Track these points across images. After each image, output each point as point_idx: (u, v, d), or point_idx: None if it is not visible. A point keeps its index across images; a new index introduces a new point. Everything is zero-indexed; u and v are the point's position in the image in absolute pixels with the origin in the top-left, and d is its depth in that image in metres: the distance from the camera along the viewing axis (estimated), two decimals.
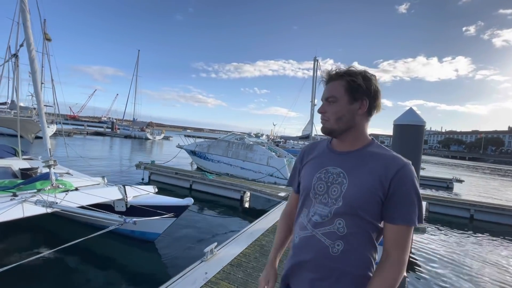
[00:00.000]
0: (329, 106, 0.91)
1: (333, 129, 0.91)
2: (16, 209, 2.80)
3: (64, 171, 4.58)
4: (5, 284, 2.92)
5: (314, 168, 0.96)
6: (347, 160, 0.91)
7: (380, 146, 0.92)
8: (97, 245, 3.99)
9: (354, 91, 0.88)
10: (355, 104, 0.89)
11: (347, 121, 0.90)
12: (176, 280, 2.54)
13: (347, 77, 0.89)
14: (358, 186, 0.84)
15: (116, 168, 11.93)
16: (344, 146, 0.94)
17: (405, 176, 0.82)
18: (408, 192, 0.81)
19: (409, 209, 0.81)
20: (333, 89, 0.91)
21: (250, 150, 11.79)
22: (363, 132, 0.93)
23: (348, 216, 0.85)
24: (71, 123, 48.17)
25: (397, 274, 0.81)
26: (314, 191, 0.92)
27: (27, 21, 3.22)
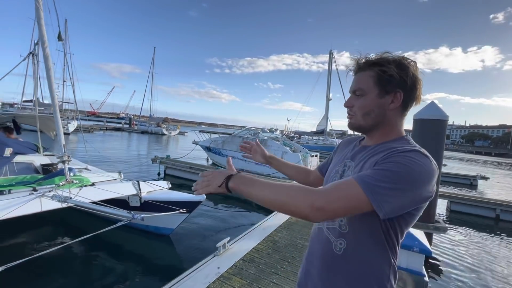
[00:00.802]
0: (356, 99, 0.81)
1: (360, 125, 0.82)
2: (35, 203, 2.93)
3: (82, 167, 4.76)
4: (31, 273, 3.08)
5: (338, 162, 0.94)
6: (364, 153, 0.83)
7: (405, 141, 0.77)
8: (116, 238, 4.16)
9: (386, 83, 0.76)
10: (386, 98, 0.77)
11: (376, 116, 0.79)
12: (189, 274, 2.57)
13: (377, 67, 0.77)
14: None
15: (134, 162, 12.28)
16: (371, 141, 0.85)
17: (398, 154, 0.67)
18: (389, 164, 0.65)
19: (374, 173, 0.65)
20: (361, 80, 0.80)
21: (264, 145, 11.75)
22: (395, 128, 0.81)
23: None
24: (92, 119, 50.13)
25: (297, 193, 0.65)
26: (330, 182, 0.88)
27: (41, 19, 3.34)
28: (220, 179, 0.75)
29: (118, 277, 3.35)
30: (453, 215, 7.78)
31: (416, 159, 0.65)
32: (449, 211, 8.05)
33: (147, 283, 3.31)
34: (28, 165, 4.14)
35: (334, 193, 0.65)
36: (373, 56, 0.80)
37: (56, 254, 3.33)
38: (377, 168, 0.67)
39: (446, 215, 7.80)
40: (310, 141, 26.55)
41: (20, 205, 2.77)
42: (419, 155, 0.67)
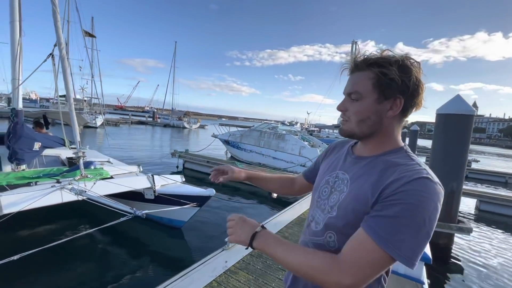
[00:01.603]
0: (351, 103, 0.73)
1: (353, 133, 0.74)
2: (56, 195, 3.17)
3: (105, 160, 5.05)
4: (50, 259, 3.37)
5: (327, 169, 0.86)
6: (358, 166, 0.75)
7: (408, 156, 0.70)
8: (132, 228, 4.41)
9: (385, 87, 0.68)
10: (385, 104, 0.69)
11: (372, 124, 0.71)
12: (197, 267, 2.65)
13: (377, 67, 0.68)
14: (355, 198, 0.69)
15: (155, 156, 12.76)
16: (364, 150, 0.77)
17: (409, 190, 0.59)
18: (402, 207, 0.58)
19: (386, 224, 0.59)
20: (358, 82, 0.71)
21: (282, 139, 11.70)
22: (392, 137, 0.73)
23: (340, 229, 0.71)
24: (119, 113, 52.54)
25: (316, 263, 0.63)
26: (318, 193, 0.83)
27: (58, 22, 3.55)
28: (245, 234, 0.74)
29: (131, 266, 3.56)
30: (482, 214, 7.31)
31: (428, 194, 0.59)
32: (478, 210, 7.57)
33: (157, 273, 3.47)
34: (55, 158, 4.48)
35: (356, 264, 0.60)
36: (373, 54, 0.71)
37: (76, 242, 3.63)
38: (389, 214, 0.60)
39: (474, 214, 7.36)
40: (331, 135, 25.99)
41: (43, 196, 3.02)
42: (429, 185, 0.60)
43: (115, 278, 3.26)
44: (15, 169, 3.82)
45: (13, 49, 4.00)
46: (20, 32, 4.08)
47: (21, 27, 4.08)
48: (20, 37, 4.07)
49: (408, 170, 0.63)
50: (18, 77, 3.96)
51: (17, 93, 3.93)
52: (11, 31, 4.01)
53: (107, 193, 3.54)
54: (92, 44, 30.59)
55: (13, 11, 4.01)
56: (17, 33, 4.03)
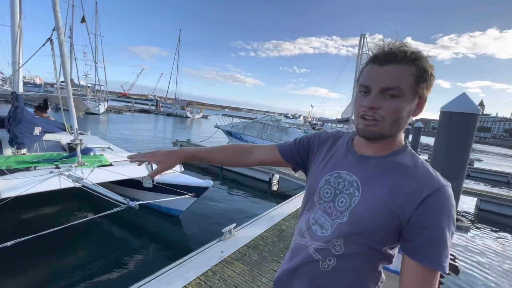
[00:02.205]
0: (387, 101, 0.63)
1: (384, 134, 0.67)
2: (54, 181, 3.19)
3: (105, 146, 5.05)
4: (54, 242, 3.41)
5: (325, 167, 0.79)
6: (366, 167, 0.71)
7: (413, 155, 0.70)
8: (132, 215, 4.41)
9: (423, 86, 0.64)
10: (414, 103, 0.66)
11: (403, 124, 0.67)
12: (193, 256, 2.69)
13: (418, 62, 0.62)
14: (371, 205, 0.66)
15: (157, 144, 12.81)
16: (370, 149, 0.72)
17: (439, 203, 0.61)
18: (440, 226, 0.60)
19: (440, 250, 0.60)
20: (398, 77, 0.62)
21: (285, 132, 11.66)
22: (398, 137, 0.71)
23: (349, 235, 0.69)
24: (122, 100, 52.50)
25: None
26: (319, 195, 0.77)
27: (56, 6, 3.49)
28: None
29: (128, 253, 3.61)
30: (482, 214, 7.29)
31: (453, 201, 0.62)
32: (478, 209, 7.55)
33: (155, 260, 3.52)
34: (56, 143, 4.48)
35: None
36: (413, 48, 0.64)
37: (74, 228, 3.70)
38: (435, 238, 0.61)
39: (474, 213, 7.34)
40: (334, 130, 25.86)
41: (41, 182, 3.03)
42: (450, 192, 0.63)
43: (112, 264, 3.31)
44: (15, 153, 3.84)
45: (13, 32, 3.95)
46: (20, 15, 4.02)
47: (21, 9, 4.02)
48: (20, 19, 4.01)
49: (425, 176, 0.65)
50: (18, 60, 3.93)
51: (17, 77, 3.90)
52: (11, 14, 3.95)
53: (105, 181, 3.55)
54: (96, 29, 30.32)
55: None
56: (17, 16, 3.97)
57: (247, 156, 0.96)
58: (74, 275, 3.02)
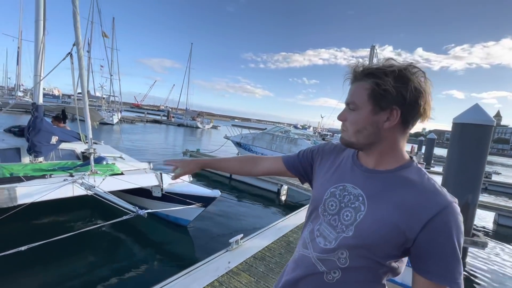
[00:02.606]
0: (350, 113, 0.73)
1: (352, 142, 0.74)
2: (68, 189, 3.31)
3: (117, 155, 5.18)
4: (64, 248, 3.48)
5: (330, 179, 0.81)
6: (372, 181, 0.72)
7: (419, 170, 0.71)
8: (141, 224, 4.49)
9: (380, 98, 0.67)
10: (381, 115, 0.68)
11: (369, 135, 0.70)
12: (200, 266, 2.68)
13: (372, 78, 0.67)
14: (377, 220, 0.67)
15: (167, 154, 12.99)
16: (371, 161, 0.75)
17: (448, 221, 0.61)
18: (452, 243, 0.61)
19: (453, 267, 0.62)
20: (355, 92, 0.71)
21: (294, 144, 11.65)
22: (395, 148, 0.72)
23: (355, 249, 0.70)
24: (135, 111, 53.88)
25: None
26: (323, 207, 0.78)
27: (77, 23, 3.72)
28: None
29: (136, 260, 3.65)
30: (500, 229, 6.96)
31: (460, 217, 0.63)
32: (496, 224, 7.22)
33: (161, 269, 3.53)
34: (71, 152, 4.65)
35: None
36: (373, 64, 0.70)
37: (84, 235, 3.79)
38: (445, 255, 0.62)
39: (492, 229, 7.02)
40: None
41: (56, 189, 3.16)
42: (458, 209, 0.64)
43: (118, 272, 3.34)
44: (32, 161, 4.00)
45: (37, 47, 4.19)
46: (44, 31, 4.27)
47: (45, 26, 4.28)
48: (44, 36, 4.26)
49: (432, 193, 0.65)
50: (40, 73, 4.15)
51: (38, 89, 4.11)
52: (35, 30, 4.20)
53: (116, 189, 3.64)
54: (112, 43, 31.68)
55: (38, 10, 4.20)
56: (41, 32, 4.22)
57: (254, 166, 1.04)
58: (81, 282, 3.06)
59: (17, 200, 2.92)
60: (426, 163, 16.28)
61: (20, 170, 3.46)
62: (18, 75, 33.78)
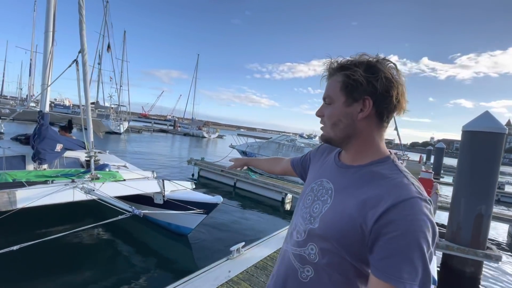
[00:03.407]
0: (326, 108, 0.74)
1: (330, 137, 0.74)
2: (68, 193, 3.32)
3: (121, 164, 5.20)
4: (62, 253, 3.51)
5: (314, 176, 0.84)
6: (343, 176, 0.73)
7: (393, 166, 0.68)
8: (141, 231, 4.50)
9: (352, 89, 0.67)
10: (354, 106, 0.68)
11: (344, 127, 0.70)
12: (199, 274, 2.61)
13: (343, 70, 0.69)
14: (337, 213, 0.67)
15: (172, 162, 13.04)
16: (347, 158, 0.76)
17: (405, 216, 0.56)
18: (405, 241, 0.55)
19: (402, 265, 0.55)
20: (330, 86, 0.73)
21: (301, 152, 11.57)
22: (371, 143, 0.71)
23: (322, 243, 0.69)
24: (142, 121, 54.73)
25: None
26: (302, 201, 0.81)
27: (83, 31, 3.84)
28: None
29: (136, 267, 3.59)
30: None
31: (424, 217, 0.56)
32: (511, 236, 6.93)
33: (161, 276, 3.47)
34: (75, 160, 4.69)
35: None
36: (344, 59, 0.71)
37: (83, 241, 3.85)
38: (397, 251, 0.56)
39: (507, 241, 6.73)
40: None
41: (55, 193, 3.18)
42: (423, 205, 0.58)
43: (117, 279, 3.28)
44: (37, 168, 4.04)
45: (45, 57, 4.31)
46: (53, 42, 4.40)
47: (53, 37, 4.41)
48: (52, 46, 4.39)
49: (395, 186, 0.62)
50: (47, 82, 4.25)
51: (45, 97, 4.20)
52: (44, 41, 4.35)
53: (117, 195, 3.63)
54: (123, 55, 32.61)
55: (48, 22, 4.35)
56: (49, 43, 4.35)
57: (276, 165, 1.25)
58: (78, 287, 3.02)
59: (16, 204, 2.93)
60: (435, 173, 15.89)
61: (23, 176, 3.50)
62: (31, 86, 34.93)
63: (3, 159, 3.90)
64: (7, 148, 4.11)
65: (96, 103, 28.41)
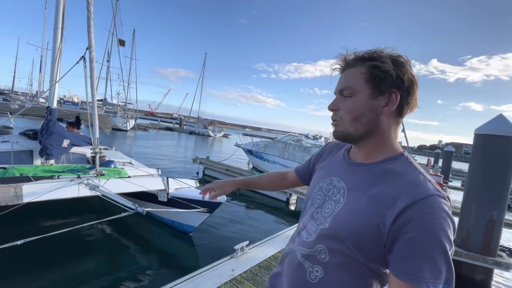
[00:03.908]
0: (343, 101, 0.69)
1: (348, 133, 0.69)
2: (73, 189, 3.35)
3: (127, 161, 5.24)
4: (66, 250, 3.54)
5: (322, 175, 0.81)
6: (355, 174, 0.70)
7: (408, 163, 0.65)
8: (145, 229, 4.51)
9: (380, 82, 0.64)
10: (379, 99, 0.65)
11: (368, 122, 0.66)
12: (203, 272, 2.59)
13: (369, 61, 0.65)
14: (352, 212, 0.64)
15: (177, 160, 13.09)
16: (360, 155, 0.72)
17: (425, 214, 0.54)
18: (426, 240, 0.53)
19: (424, 265, 0.53)
20: (350, 78, 0.68)
21: (308, 152, 11.47)
22: (389, 139, 0.68)
23: (333, 243, 0.66)
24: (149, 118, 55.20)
25: None
26: (311, 201, 0.78)
27: (91, 27, 3.90)
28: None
29: (137, 264, 3.60)
30: None
31: (444, 214, 0.54)
32: None
33: (164, 274, 3.48)
34: (81, 156, 4.74)
35: None
36: (363, 51, 0.68)
37: (88, 238, 3.88)
38: (417, 252, 0.54)
39: None
40: None
41: (61, 188, 3.21)
42: (442, 203, 0.56)
43: (119, 276, 3.29)
44: (43, 163, 4.09)
45: (54, 53, 4.35)
46: (61, 39, 4.43)
47: (62, 34, 4.44)
48: (61, 43, 4.41)
49: (412, 183, 0.59)
50: (55, 78, 4.29)
51: (53, 93, 4.23)
52: (53, 37, 4.38)
53: (121, 191, 3.66)
54: (132, 53, 32.93)
55: (57, 19, 4.38)
56: (58, 39, 4.38)
57: (284, 180, 1.11)
58: (82, 285, 3.03)
59: (22, 198, 2.97)
60: (444, 177, 15.61)
61: (30, 171, 3.53)
62: (41, 82, 35.58)
63: (11, 154, 3.95)
64: (15, 143, 4.16)
65: (104, 100, 28.74)
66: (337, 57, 0.71)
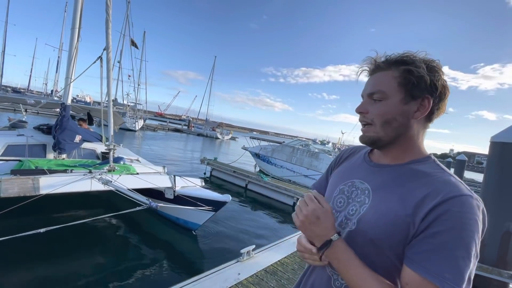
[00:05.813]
0: (373, 104, 0.67)
1: (379, 138, 0.67)
2: (86, 183, 3.46)
3: (134, 158, 5.34)
4: (76, 244, 3.62)
5: (341, 177, 0.78)
6: (380, 175, 0.68)
7: (436, 165, 0.64)
8: (152, 225, 4.56)
9: (413, 86, 0.62)
10: (411, 104, 0.64)
11: (399, 126, 0.65)
12: (209, 275, 2.56)
13: (403, 65, 0.63)
14: (379, 213, 0.62)
15: (185, 161, 13.18)
16: (384, 158, 0.70)
17: (454, 213, 0.52)
18: (450, 237, 0.51)
19: (442, 262, 0.51)
20: (381, 81, 0.66)
21: (316, 158, 11.39)
22: (416, 144, 0.67)
23: (360, 245, 0.63)
24: (158, 119, 55.92)
25: None
26: (332, 204, 0.75)
27: (109, 29, 4.07)
28: (316, 236, 0.63)
29: (143, 264, 3.61)
30: None
31: (476, 217, 0.53)
32: None
33: (170, 274, 3.47)
34: (92, 151, 4.85)
35: None
36: (395, 54, 0.67)
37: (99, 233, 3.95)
38: (439, 247, 0.52)
39: None
40: None
41: (75, 182, 3.32)
42: (475, 204, 0.54)
43: (125, 274, 3.31)
44: (56, 157, 4.20)
45: (70, 52, 4.48)
46: (78, 38, 4.54)
47: (79, 33, 4.56)
48: (77, 42, 4.53)
49: (444, 182, 0.58)
50: (71, 76, 4.40)
51: (68, 90, 4.34)
52: (70, 37, 4.52)
53: (131, 187, 3.73)
54: (142, 55, 33.50)
55: (75, 19, 4.51)
56: (75, 38, 4.51)
57: None
58: (87, 280, 3.06)
59: (39, 190, 3.06)
60: None
61: (44, 164, 3.64)
62: (56, 81, 36.53)
63: (26, 147, 4.06)
64: (30, 137, 4.27)
65: (114, 101, 29.22)
66: (366, 60, 0.69)
